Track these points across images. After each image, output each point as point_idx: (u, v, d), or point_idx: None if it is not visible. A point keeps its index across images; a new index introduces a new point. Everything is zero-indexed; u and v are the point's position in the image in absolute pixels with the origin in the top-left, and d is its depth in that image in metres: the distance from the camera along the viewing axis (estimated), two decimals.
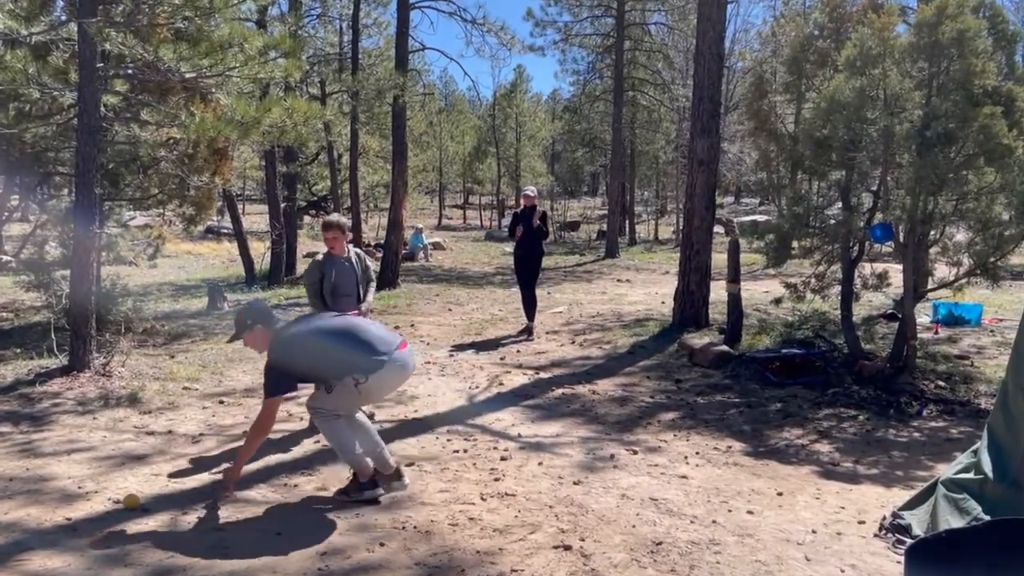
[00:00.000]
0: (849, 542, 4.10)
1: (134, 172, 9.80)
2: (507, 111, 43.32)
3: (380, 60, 22.94)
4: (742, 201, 47.49)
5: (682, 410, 6.89)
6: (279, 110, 7.66)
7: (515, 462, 5.35)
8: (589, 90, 34.26)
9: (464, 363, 8.67)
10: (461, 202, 56.57)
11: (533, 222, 10.14)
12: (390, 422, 6.33)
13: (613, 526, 4.24)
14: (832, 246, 8.08)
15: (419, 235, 24.32)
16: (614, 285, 17.52)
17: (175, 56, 7.13)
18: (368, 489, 4.54)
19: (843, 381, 7.54)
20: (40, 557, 3.76)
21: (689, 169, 11.05)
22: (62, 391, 6.91)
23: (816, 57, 8.95)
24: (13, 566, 3.66)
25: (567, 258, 25.10)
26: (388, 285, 15.48)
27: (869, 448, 5.91)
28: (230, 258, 21.12)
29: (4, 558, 3.73)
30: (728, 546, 4.01)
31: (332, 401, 4.43)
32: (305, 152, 20.67)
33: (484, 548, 3.94)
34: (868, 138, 7.30)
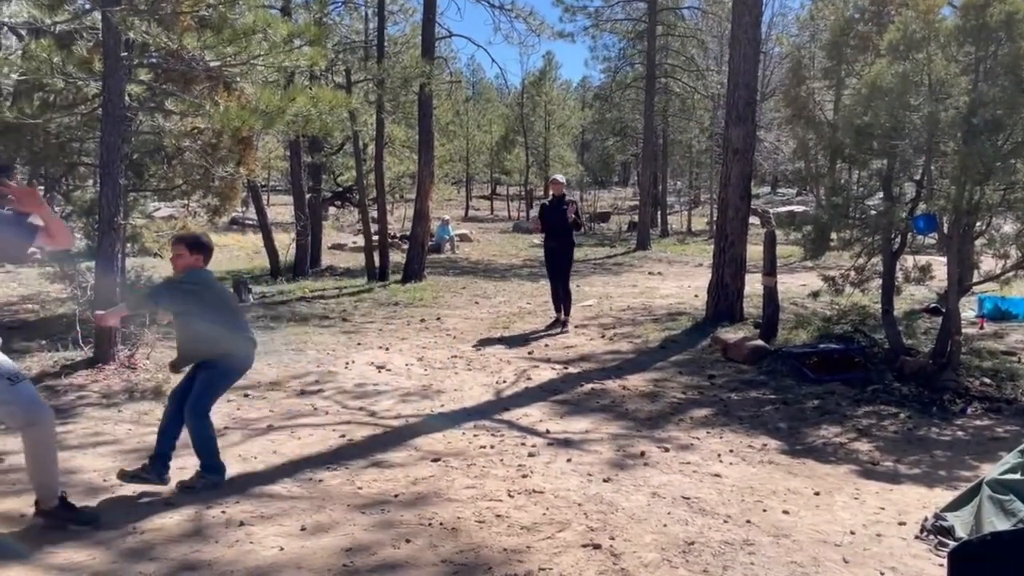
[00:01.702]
0: (889, 544, 4.06)
1: (158, 162, 9.91)
2: (536, 99, 43.18)
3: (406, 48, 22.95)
4: (778, 191, 47.03)
5: (715, 407, 6.85)
6: (304, 99, 7.70)
7: (543, 458, 5.35)
8: (620, 77, 34.04)
9: (491, 357, 8.68)
10: (488, 193, 56.55)
11: (568, 216, 10.08)
12: (416, 417, 6.36)
13: (644, 525, 4.23)
14: (873, 238, 7.98)
15: (445, 226, 24.37)
16: (645, 278, 17.43)
17: (199, 44, 7.19)
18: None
19: (883, 378, 7.46)
20: (66, 550, 3.83)
21: (724, 158, 10.96)
22: (87, 383, 7.02)
23: (857, 41, 8.84)
24: (39, 559, 3.74)
25: (597, 250, 25.02)
26: (414, 277, 15.54)
27: (910, 447, 5.84)
28: (255, 250, 21.31)
29: (30, 551, 3.81)
30: (763, 547, 3.98)
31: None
32: (330, 142, 20.80)
33: (511, 546, 3.95)
34: (911, 125, 7.19)
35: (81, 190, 11.20)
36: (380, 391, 7.19)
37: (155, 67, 8.02)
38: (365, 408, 6.63)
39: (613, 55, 34.18)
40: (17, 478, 4.79)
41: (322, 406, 6.63)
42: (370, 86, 17.60)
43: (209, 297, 4.67)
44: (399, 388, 7.30)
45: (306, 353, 8.66)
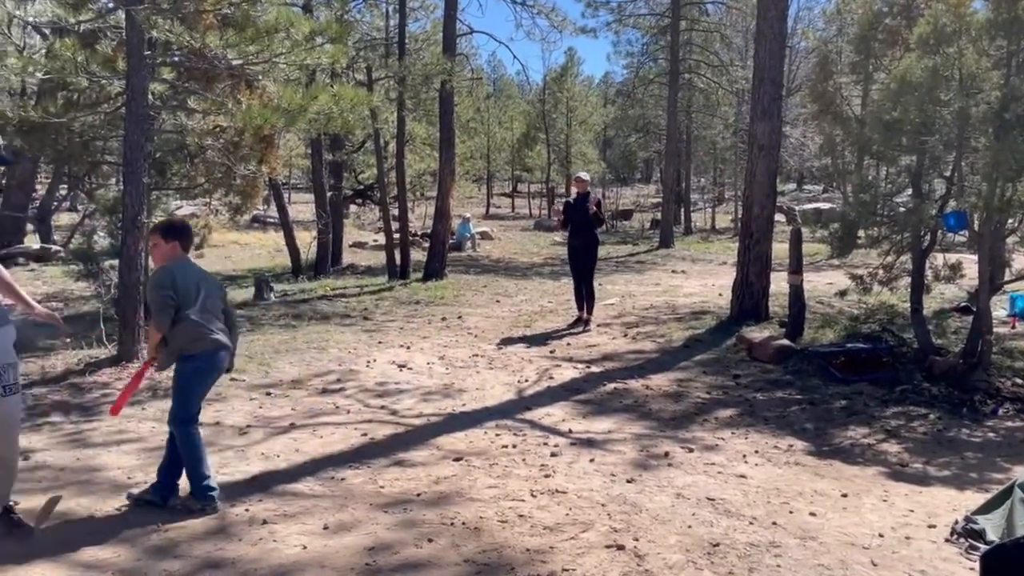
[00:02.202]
0: (918, 547, 4.02)
1: (181, 161, 10.00)
2: (557, 96, 43.13)
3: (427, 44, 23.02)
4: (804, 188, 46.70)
5: (740, 407, 6.82)
6: (326, 97, 7.75)
7: (566, 458, 5.36)
8: (643, 73, 33.94)
9: (513, 356, 8.69)
10: (509, 190, 56.56)
11: (590, 208, 10.09)
12: (437, 416, 6.38)
13: (668, 526, 4.22)
14: (901, 235, 7.90)
15: (466, 224, 24.42)
16: (668, 276, 17.37)
17: (222, 43, 7.26)
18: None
19: (912, 378, 7.39)
20: (91, 548, 3.88)
21: (749, 155, 10.90)
22: (111, 381, 7.11)
23: (885, 35, 8.76)
24: (65, 556, 3.79)
25: (619, 248, 24.96)
26: (435, 276, 15.58)
27: (940, 448, 5.78)
28: (276, 248, 21.46)
29: (56, 548, 3.86)
30: (789, 549, 3.96)
31: None
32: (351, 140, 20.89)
33: (534, 546, 3.95)
34: (941, 121, 7.12)
35: (104, 188, 11.35)
36: (402, 390, 7.22)
37: (178, 65, 8.10)
38: (387, 407, 6.66)
39: (636, 50, 34.14)
40: (44, 475, 4.87)
41: (344, 405, 6.67)
42: (391, 83, 17.66)
43: (180, 293, 4.37)
44: (421, 387, 7.33)
45: (328, 352, 8.72)
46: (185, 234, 4.59)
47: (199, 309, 4.39)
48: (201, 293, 4.43)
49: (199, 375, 4.45)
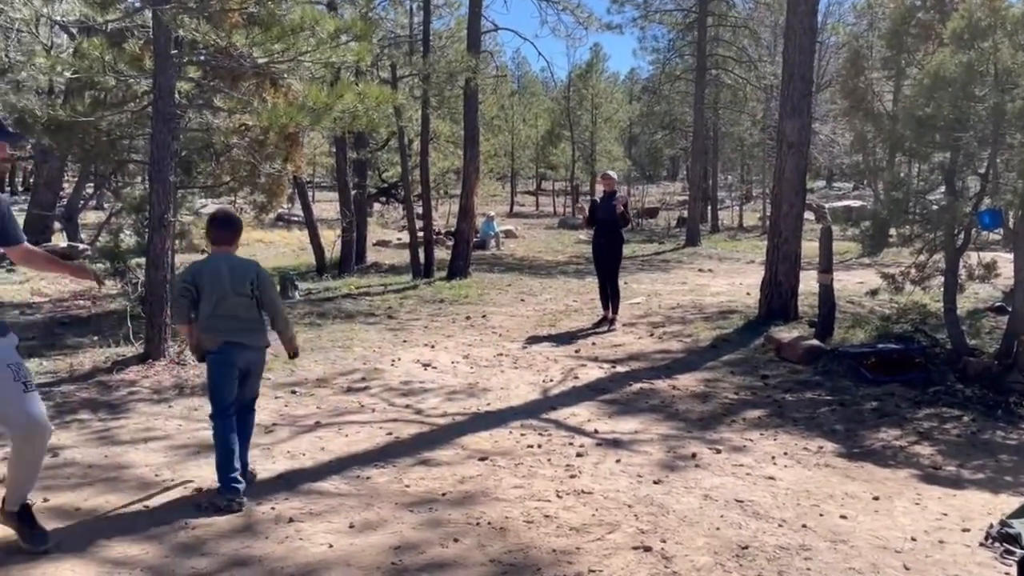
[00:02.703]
0: (952, 551, 3.98)
1: (207, 159, 10.11)
2: (582, 92, 43.07)
3: (451, 42, 23.10)
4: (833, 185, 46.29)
5: (769, 408, 6.77)
6: (351, 95, 7.79)
7: (591, 459, 5.35)
8: (669, 69, 33.76)
9: (538, 355, 8.70)
10: (533, 188, 56.58)
11: (616, 207, 10.08)
12: (462, 415, 6.41)
13: (696, 528, 4.21)
14: (935, 233, 7.81)
15: (490, 223, 24.46)
16: (695, 275, 17.29)
17: (248, 41, 7.33)
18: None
19: (945, 379, 7.31)
20: (119, 544, 3.94)
21: (777, 152, 10.82)
22: (138, 379, 7.20)
23: (918, 30, 8.67)
24: (92, 552, 3.85)
25: (645, 246, 24.89)
26: (459, 274, 15.62)
27: (974, 451, 5.72)
28: (300, 246, 21.63)
29: (84, 544, 3.92)
30: (820, 552, 3.94)
31: None
32: (375, 138, 20.99)
33: (560, 547, 3.96)
34: (976, 117, 7.03)
35: (130, 187, 11.49)
36: (426, 389, 7.25)
37: (204, 64, 8.19)
38: (411, 406, 6.69)
39: (662, 46, 33.96)
40: (72, 472, 4.94)
41: (369, 403, 6.71)
42: (415, 81, 17.74)
43: (198, 289, 4.53)
44: (445, 386, 7.35)
45: (352, 350, 8.77)
46: (212, 226, 4.68)
47: (214, 301, 4.51)
48: (214, 295, 4.50)
49: (213, 368, 4.60)
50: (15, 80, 14.16)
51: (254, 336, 4.67)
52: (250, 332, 4.64)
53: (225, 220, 4.74)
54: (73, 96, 9.11)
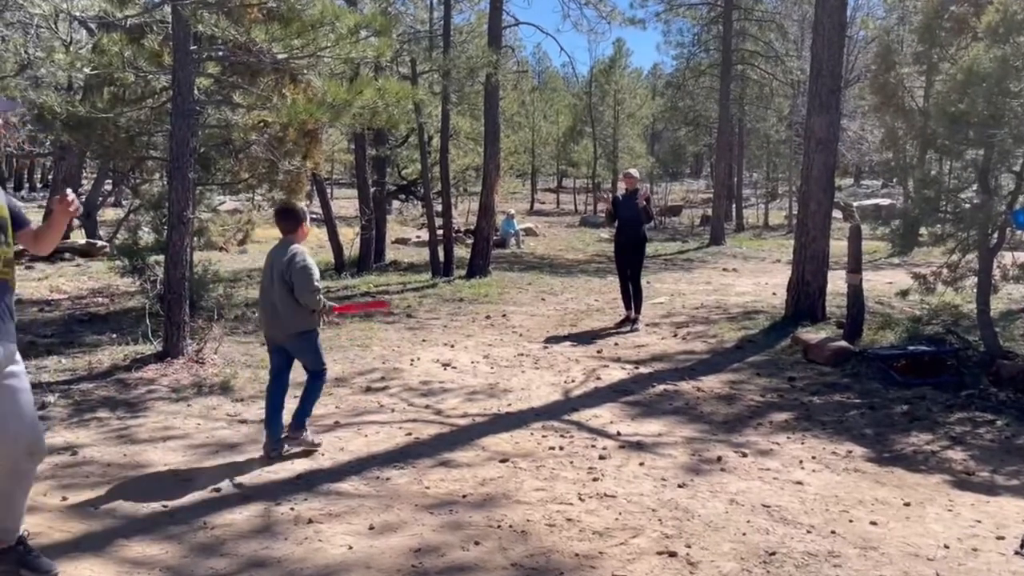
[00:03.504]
0: (986, 559, 3.93)
1: (225, 156, 10.17)
2: (604, 88, 42.99)
3: (472, 37, 23.14)
4: (862, 183, 45.89)
5: (796, 410, 6.72)
6: (371, 91, 7.81)
7: (614, 461, 5.34)
8: (694, 64, 33.65)
9: (559, 355, 8.68)
10: (554, 186, 56.54)
11: (639, 202, 10.05)
12: (482, 416, 6.40)
13: (721, 533, 4.19)
14: (967, 233, 7.73)
15: (511, 221, 24.45)
16: (719, 275, 17.21)
17: (267, 37, 7.35)
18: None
19: (978, 382, 7.22)
20: (138, 544, 3.97)
21: (805, 149, 10.74)
22: (156, 377, 7.26)
23: (951, 24, 8.56)
24: (112, 552, 3.89)
25: (668, 245, 24.80)
26: (479, 273, 15.63)
27: (1009, 456, 5.64)
28: (319, 244, 21.70)
29: (103, 544, 3.96)
30: (849, 559, 3.90)
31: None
32: (395, 135, 21.02)
33: (583, 551, 3.95)
34: (1011, 113, 6.94)
35: (149, 184, 11.58)
36: (446, 389, 7.26)
37: (223, 60, 8.23)
38: (431, 406, 6.70)
39: (687, 41, 33.91)
40: (91, 470, 4.99)
41: (388, 403, 6.73)
42: (435, 77, 17.75)
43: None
44: (465, 386, 7.36)
45: (371, 349, 8.80)
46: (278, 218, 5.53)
47: (264, 289, 5.42)
48: (267, 276, 5.37)
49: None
50: (34, 76, 14.33)
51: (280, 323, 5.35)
52: (268, 315, 5.39)
53: (281, 212, 5.55)
54: (92, 92, 9.20)
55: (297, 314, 5.26)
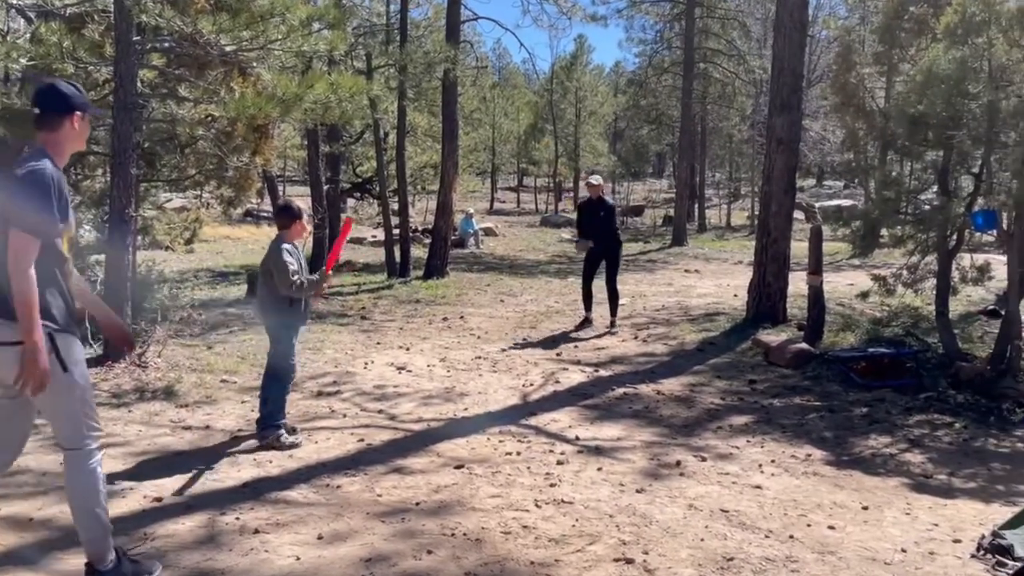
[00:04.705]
0: (943, 563, 4.01)
1: (171, 151, 10.02)
2: (566, 85, 43.17)
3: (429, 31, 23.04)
4: (824, 184, 46.62)
5: (756, 413, 6.80)
6: (323, 85, 7.74)
7: (572, 467, 5.35)
8: (656, 62, 33.91)
9: (517, 358, 8.69)
10: (515, 184, 56.62)
11: (602, 214, 10.16)
12: (438, 421, 6.38)
13: (679, 539, 4.22)
14: (927, 234, 7.89)
15: (469, 220, 24.44)
16: (681, 276, 17.37)
17: (214, 28, 7.26)
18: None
19: (937, 385, 7.37)
20: (74, 556, 3.88)
21: (767, 149, 10.88)
22: (96, 382, 7.11)
23: (911, 25, 8.72)
24: (47, 565, 3.80)
25: (630, 246, 24.91)
26: (436, 274, 15.60)
27: (966, 459, 5.77)
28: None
29: (38, 556, 3.87)
30: (807, 564, 3.95)
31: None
32: (349, 131, 20.91)
33: (539, 559, 3.95)
34: (970, 115, 7.09)
35: (90, 180, 11.35)
36: (400, 393, 7.23)
37: (168, 52, 8.11)
38: (385, 411, 6.66)
39: (649, 38, 34.13)
40: (25, 480, 4.88)
41: (340, 408, 6.68)
42: (392, 71, 17.68)
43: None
44: (420, 390, 7.33)
45: (323, 353, 8.72)
46: (275, 213, 6.13)
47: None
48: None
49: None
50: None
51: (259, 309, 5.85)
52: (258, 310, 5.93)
53: (277, 208, 5.99)
54: (30, 84, 8.99)
55: (270, 306, 5.63)
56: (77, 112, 3.38)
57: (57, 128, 3.34)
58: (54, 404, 3.36)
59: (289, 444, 5.57)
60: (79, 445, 3.44)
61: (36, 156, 3.24)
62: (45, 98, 3.38)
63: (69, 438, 3.44)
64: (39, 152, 3.27)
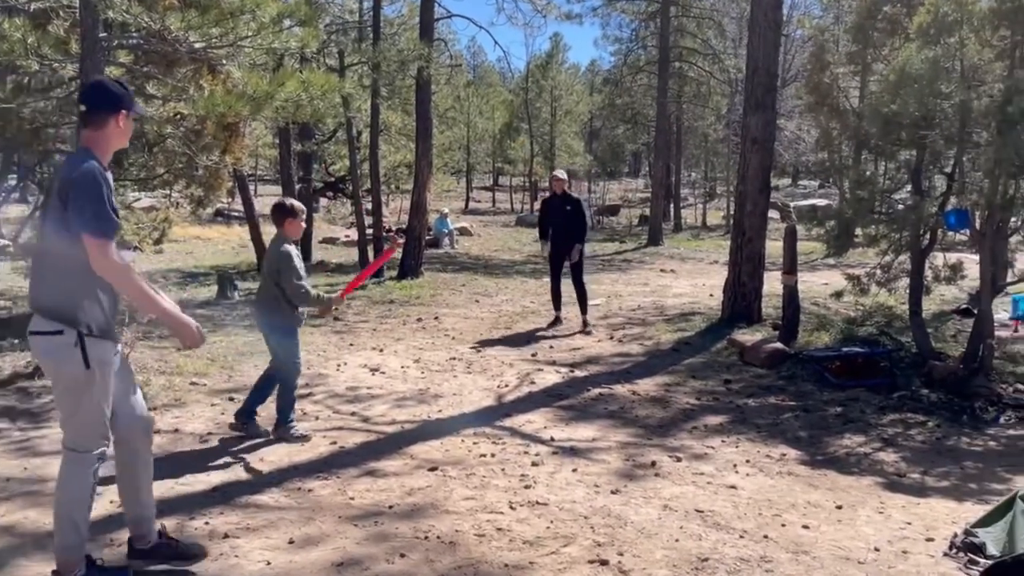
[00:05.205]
0: (916, 561, 4.06)
1: (139, 150, 9.91)
2: (541, 84, 43.22)
3: (403, 29, 23.02)
4: (799, 183, 47.03)
5: (731, 413, 6.85)
6: (294, 83, 7.69)
7: (547, 468, 5.36)
8: (631, 60, 34.02)
9: (492, 359, 8.69)
10: (490, 184, 56.60)
11: (567, 209, 10.15)
12: (411, 423, 6.37)
13: (654, 540, 4.23)
14: (900, 234, 7.97)
15: (444, 220, 24.39)
16: (657, 275, 17.44)
17: (183, 25, 7.18)
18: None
19: (911, 383, 7.46)
20: (39, 563, 3.83)
21: (742, 148, 10.96)
22: None
23: (884, 24, 8.81)
24: (10, 572, 3.75)
25: (605, 246, 25.03)
26: (410, 274, 15.56)
27: (939, 458, 5.84)
28: (241, 244, 21.37)
29: (1, 563, 3.81)
30: (781, 564, 3.98)
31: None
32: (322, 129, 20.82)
33: (513, 561, 3.95)
34: (942, 114, 7.18)
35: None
36: (374, 395, 7.20)
37: (136, 48, 8.01)
38: (358, 413, 6.64)
39: (624, 36, 34.21)
40: None
41: (312, 411, 6.64)
42: (365, 69, 17.61)
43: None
44: (394, 392, 7.31)
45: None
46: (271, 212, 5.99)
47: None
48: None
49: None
50: None
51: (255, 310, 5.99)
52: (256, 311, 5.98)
53: (274, 207, 5.92)
54: None
55: (273, 308, 5.71)
56: (123, 110, 3.45)
57: (103, 126, 3.40)
58: (69, 401, 3.41)
59: (299, 436, 5.77)
60: (83, 448, 3.45)
61: (82, 156, 3.30)
62: (92, 96, 3.45)
63: (75, 439, 3.45)
64: (84, 152, 3.33)
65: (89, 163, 3.25)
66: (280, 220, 5.79)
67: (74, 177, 3.20)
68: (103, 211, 3.21)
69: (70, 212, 3.19)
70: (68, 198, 3.20)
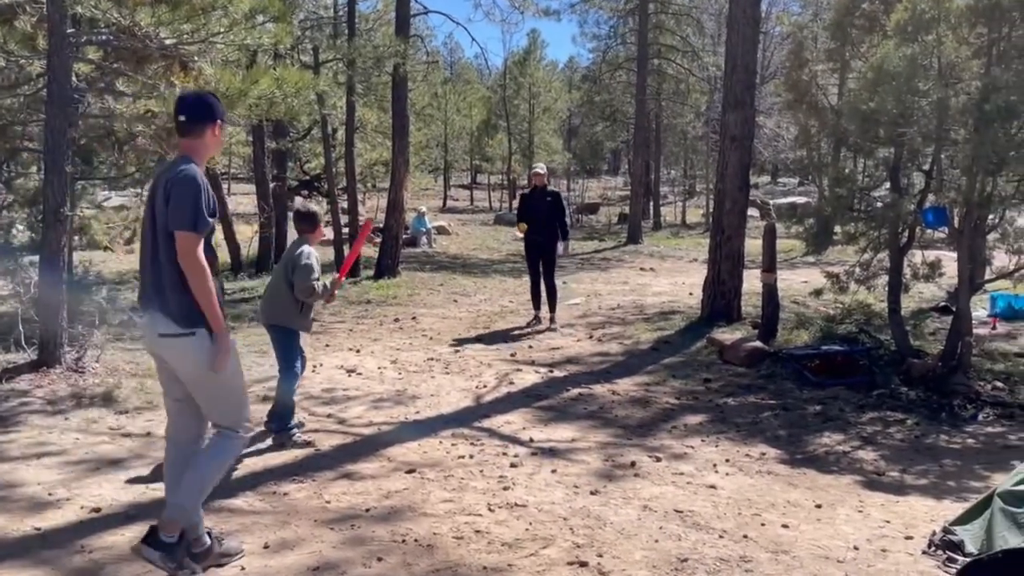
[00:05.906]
0: (895, 560, 4.10)
1: (109, 148, 9.81)
2: (519, 81, 43.15)
3: (379, 25, 22.92)
4: (779, 181, 47.32)
5: (710, 413, 6.88)
6: (268, 80, 7.66)
7: (526, 469, 5.36)
8: (610, 57, 34.11)
9: (470, 359, 8.68)
10: (468, 182, 56.50)
11: (546, 203, 10.15)
12: (389, 424, 6.35)
13: (634, 541, 4.25)
14: (879, 232, 8.04)
15: (422, 218, 24.33)
16: (636, 274, 17.50)
17: (153, 20, 7.13)
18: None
19: (889, 381, 7.52)
20: (7, 570, 3.79)
21: (720, 146, 11.02)
22: (31, 388, 6.95)
23: (863, 21, 8.87)
24: None
25: (584, 244, 25.07)
26: (388, 273, 15.50)
27: (918, 456, 5.90)
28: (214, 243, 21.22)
29: None
30: (761, 564, 4.01)
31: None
32: (296, 127, 20.68)
33: (492, 564, 3.95)
34: (920, 112, 7.24)
35: (24, 178, 11.07)
36: (350, 397, 7.18)
37: (105, 45, 7.94)
38: (334, 415, 6.62)
39: (603, 33, 34.27)
40: None
41: None
42: (340, 66, 17.51)
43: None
44: (371, 393, 7.29)
45: (269, 356, 8.54)
46: (296, 219, 6.21)
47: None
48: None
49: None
50: None
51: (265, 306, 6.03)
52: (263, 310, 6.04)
53: (296, 212, 6.19)
54: None
55: (279, 306, 5.84)
56: (219, 120, 3.77)
57: (201, 135, 3.72)
58: (217, 391, 3.70)
59: (303, 443, 5.76)
60: (237, 427, 3.78)
61: (183, 162, 3.61)
62: (191, 107, 3.73)
63: (227, 417, 3.77)
64: (184, 159, 3.64)
65: (190, 166, 3.57)
66: (311, 228, 5.95)
67: (176, 178, 3.52)
68: (199, 209, 3.49)
69: (169, 209, 3.50)
70: (170, 197, 3.51)
